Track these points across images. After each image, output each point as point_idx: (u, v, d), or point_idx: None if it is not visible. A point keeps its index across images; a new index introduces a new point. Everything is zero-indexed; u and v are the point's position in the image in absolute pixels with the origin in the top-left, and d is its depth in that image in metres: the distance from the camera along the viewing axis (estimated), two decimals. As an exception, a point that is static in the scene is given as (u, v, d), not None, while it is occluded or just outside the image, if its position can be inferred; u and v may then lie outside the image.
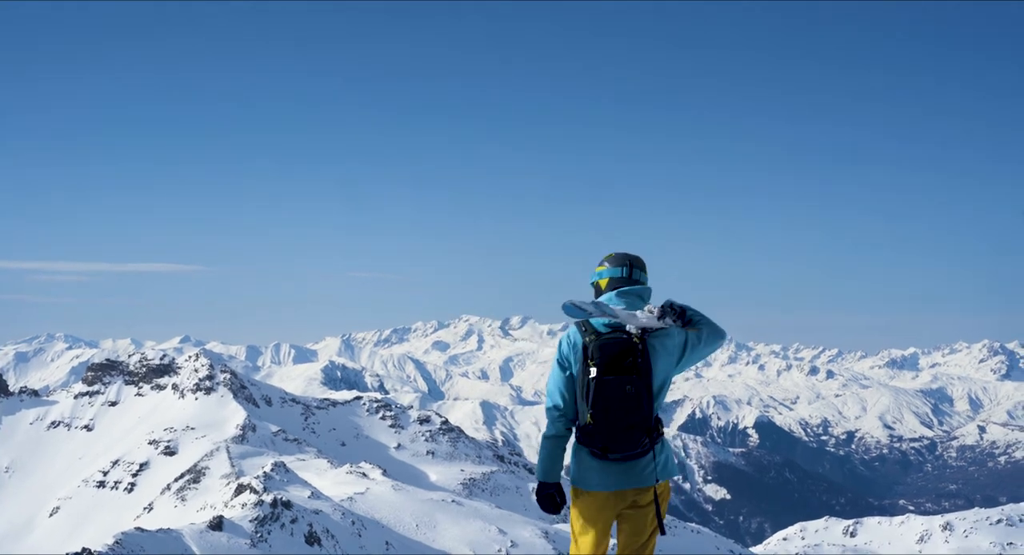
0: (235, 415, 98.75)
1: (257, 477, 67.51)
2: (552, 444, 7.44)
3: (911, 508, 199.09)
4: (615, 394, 6.86)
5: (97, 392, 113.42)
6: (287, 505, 59.71)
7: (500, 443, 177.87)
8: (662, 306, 7.09)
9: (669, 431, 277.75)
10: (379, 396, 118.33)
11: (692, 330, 7.17)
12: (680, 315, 7.06)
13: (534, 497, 7.47)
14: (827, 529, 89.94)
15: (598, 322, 7.11)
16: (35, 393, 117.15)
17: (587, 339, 7.05)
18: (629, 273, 7.47)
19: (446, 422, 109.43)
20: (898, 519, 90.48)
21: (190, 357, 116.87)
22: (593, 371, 6.93)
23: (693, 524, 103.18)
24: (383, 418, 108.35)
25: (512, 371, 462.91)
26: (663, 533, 7.49)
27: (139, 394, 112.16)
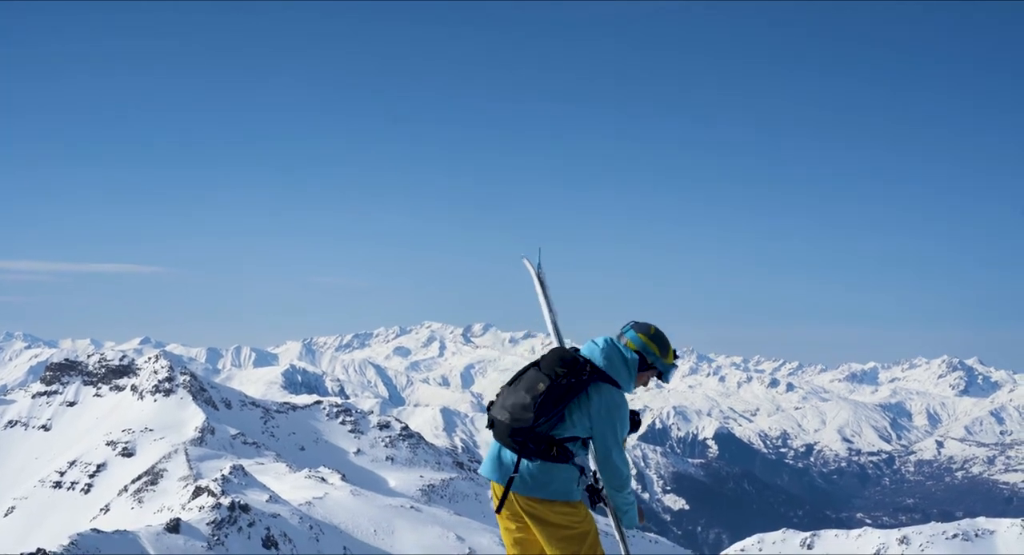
0: (194, 417, 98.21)
1: (215, 480, 67.24)
2: None
3: (868, 521, 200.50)
4: (522, 374, 6.91)
5: (55, 392, 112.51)
6: (245, 508, 59.51)
7: (460, 450, 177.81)
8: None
9: (629, 440, 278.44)
10: (339, 401, 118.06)
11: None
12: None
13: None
14: (784, 541, 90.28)
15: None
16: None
17: None
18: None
19: (406, 428, 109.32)
20: (855, 532, 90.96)
21: (150, 358, 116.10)
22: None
23: (651, 534, 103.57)
24: (343, 423, 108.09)
25: (473, 378, 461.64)
26: None
27: (98, 395, 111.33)
